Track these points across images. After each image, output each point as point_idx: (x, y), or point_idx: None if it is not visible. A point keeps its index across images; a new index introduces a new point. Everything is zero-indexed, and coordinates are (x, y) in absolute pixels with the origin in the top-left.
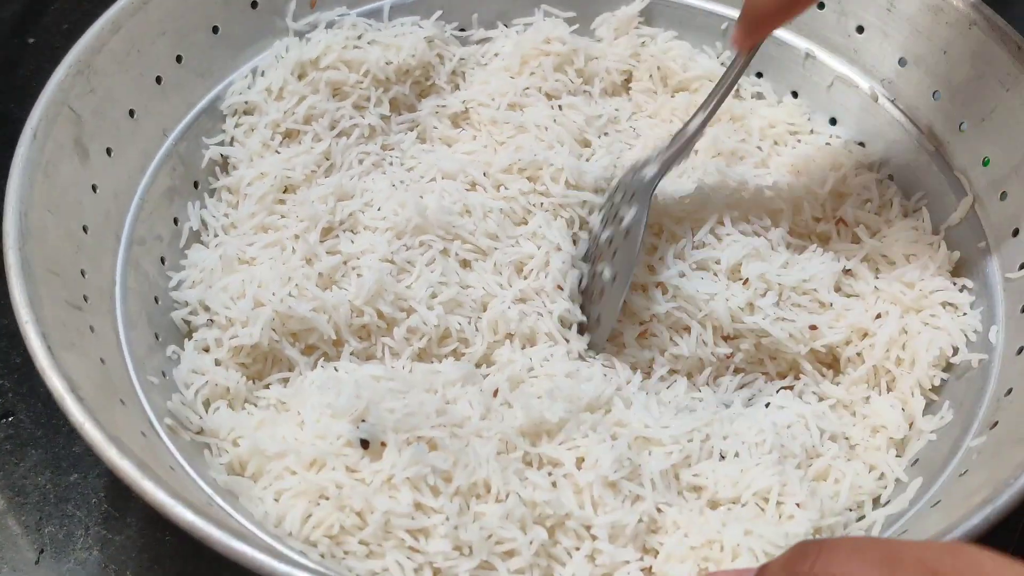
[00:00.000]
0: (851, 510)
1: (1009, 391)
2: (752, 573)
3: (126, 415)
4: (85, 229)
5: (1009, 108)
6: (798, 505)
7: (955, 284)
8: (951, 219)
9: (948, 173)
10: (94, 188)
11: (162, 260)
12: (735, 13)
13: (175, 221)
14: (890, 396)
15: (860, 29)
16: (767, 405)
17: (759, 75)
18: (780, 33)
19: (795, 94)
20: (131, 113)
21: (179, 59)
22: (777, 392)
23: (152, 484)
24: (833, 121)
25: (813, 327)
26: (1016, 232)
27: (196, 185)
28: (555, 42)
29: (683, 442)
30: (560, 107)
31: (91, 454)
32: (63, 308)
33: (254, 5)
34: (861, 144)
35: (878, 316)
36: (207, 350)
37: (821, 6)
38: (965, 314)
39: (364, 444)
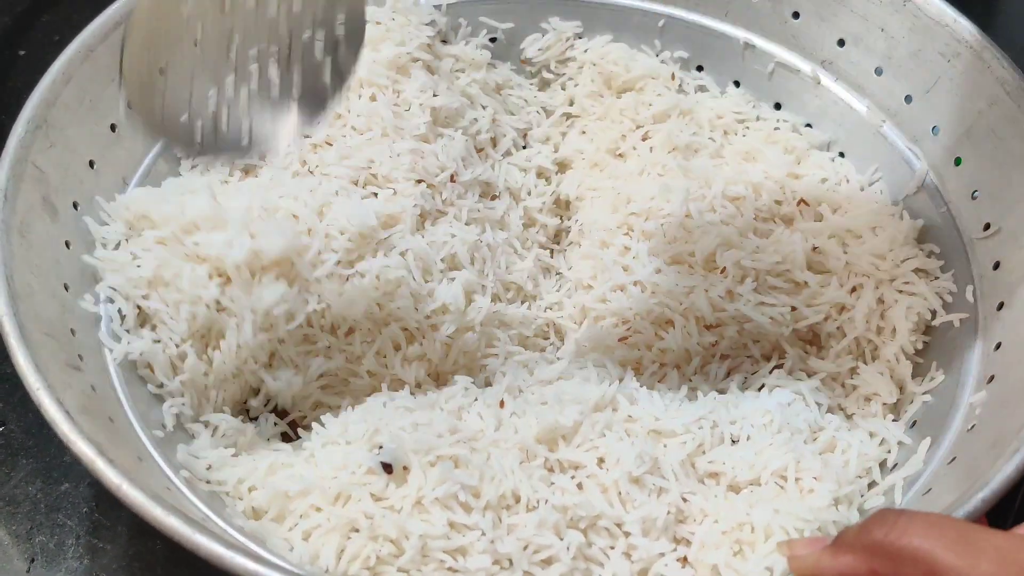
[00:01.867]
0: (860, 477)
1: (998, 345)
2: (829, 541)
3: (148, 472)
4: (66, 287)
5: (952, 78)
6: (816, 479)
7: (923, 250)
8: (907, 188)
9: (899, 145)
10: (67, 244)
11: None
12: (672, 10)
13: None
14: (876, 364)
15: (796, 15)
16: (762, 386)
17: (699, 68)
18: (717, 25)
19: (737, 84)
20: (91, 164)
21: (130, 104)
22: (771, 372)
23: (206, 538)
24: (778, 106)
25: (793, 308)
26: (975, 195)
27: None
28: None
29: (694, 430)
30: None
31: (81, 464)
32: (65, 371)
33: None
34: (809, 126)
35: (853, 290)
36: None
37: None
38: (937, 278)
39: (387, 469)
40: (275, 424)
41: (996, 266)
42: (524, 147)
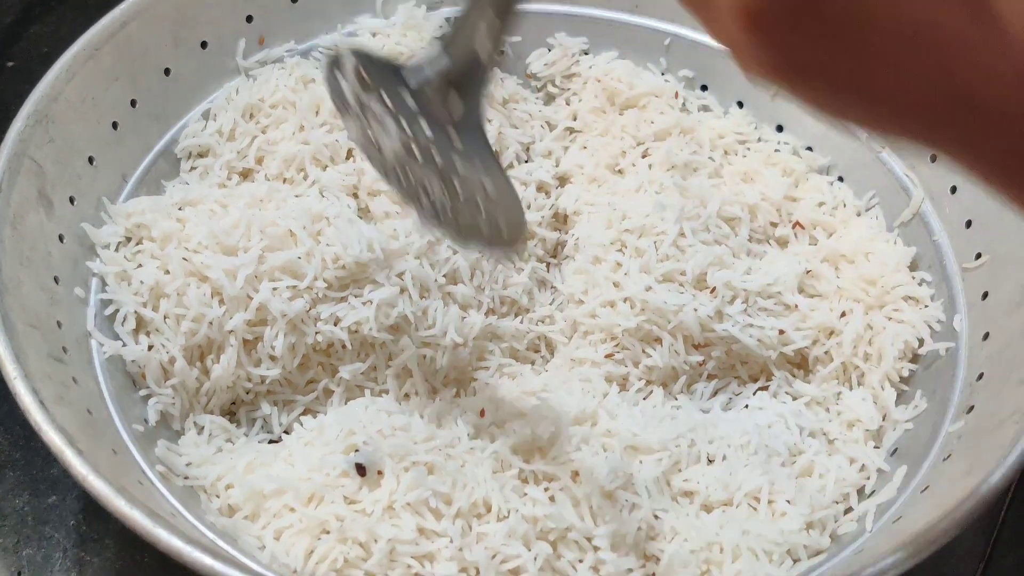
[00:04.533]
0: (837, 503)
1: (980, 376)
2: None
3: (122, 465)
4: (56, 280)
5: None
6: (789, 502)
7: (914, 278)
8: (903, 216)
9: (897, 172)
10: (61, 238)
11: None
12: (678, 29)
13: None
14: (861, 390)
15: None
16: (746, 407)
17: (704, 88)
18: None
19: (740, 104)
20: (90, 160)
21: (133, 103)
22: (754, 394)
23: (166, 532)
24: (780, 128)
25: (781, 332)
26: (969, 224)
27: None
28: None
29: (671, 448)
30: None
31: (68, 476)
32: (46, 361)
33: (204, 45)
34: (809, 149)
35: (843, 314)
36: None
37: None
38: (927, 306)
39: (360, 471)
40: (262, 428)
41: (984, 296)
42: (526, 160)
